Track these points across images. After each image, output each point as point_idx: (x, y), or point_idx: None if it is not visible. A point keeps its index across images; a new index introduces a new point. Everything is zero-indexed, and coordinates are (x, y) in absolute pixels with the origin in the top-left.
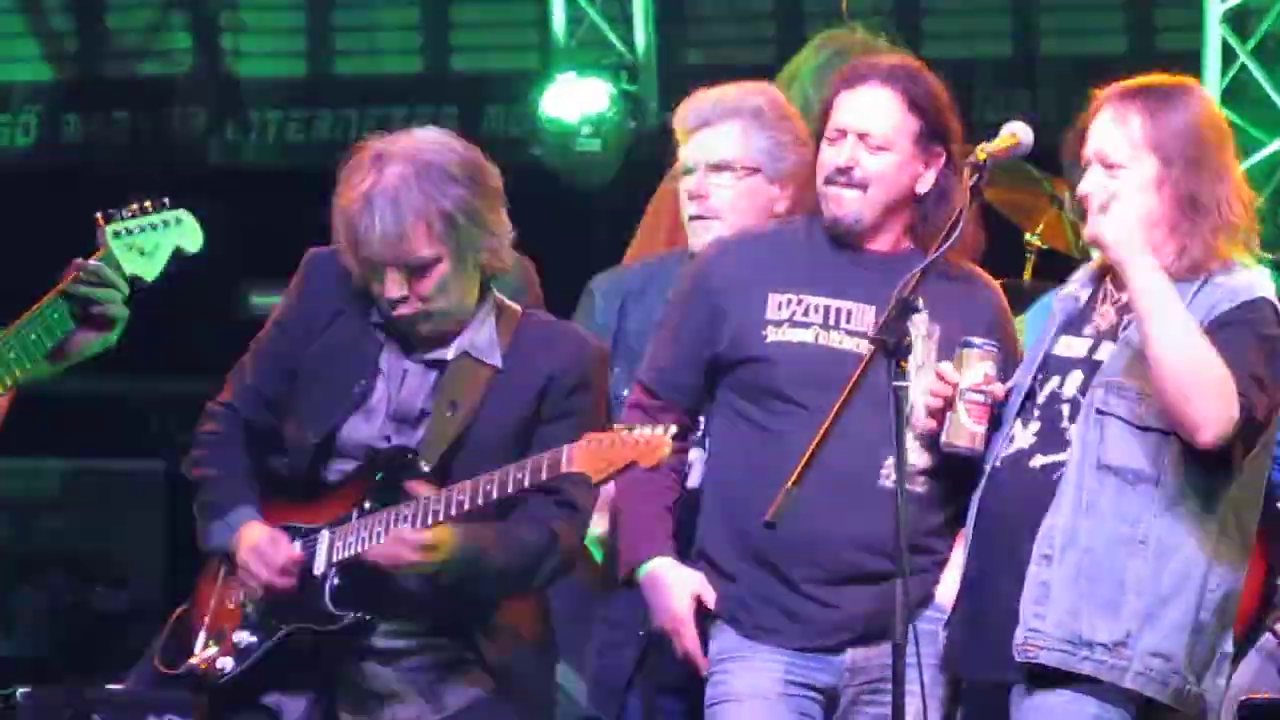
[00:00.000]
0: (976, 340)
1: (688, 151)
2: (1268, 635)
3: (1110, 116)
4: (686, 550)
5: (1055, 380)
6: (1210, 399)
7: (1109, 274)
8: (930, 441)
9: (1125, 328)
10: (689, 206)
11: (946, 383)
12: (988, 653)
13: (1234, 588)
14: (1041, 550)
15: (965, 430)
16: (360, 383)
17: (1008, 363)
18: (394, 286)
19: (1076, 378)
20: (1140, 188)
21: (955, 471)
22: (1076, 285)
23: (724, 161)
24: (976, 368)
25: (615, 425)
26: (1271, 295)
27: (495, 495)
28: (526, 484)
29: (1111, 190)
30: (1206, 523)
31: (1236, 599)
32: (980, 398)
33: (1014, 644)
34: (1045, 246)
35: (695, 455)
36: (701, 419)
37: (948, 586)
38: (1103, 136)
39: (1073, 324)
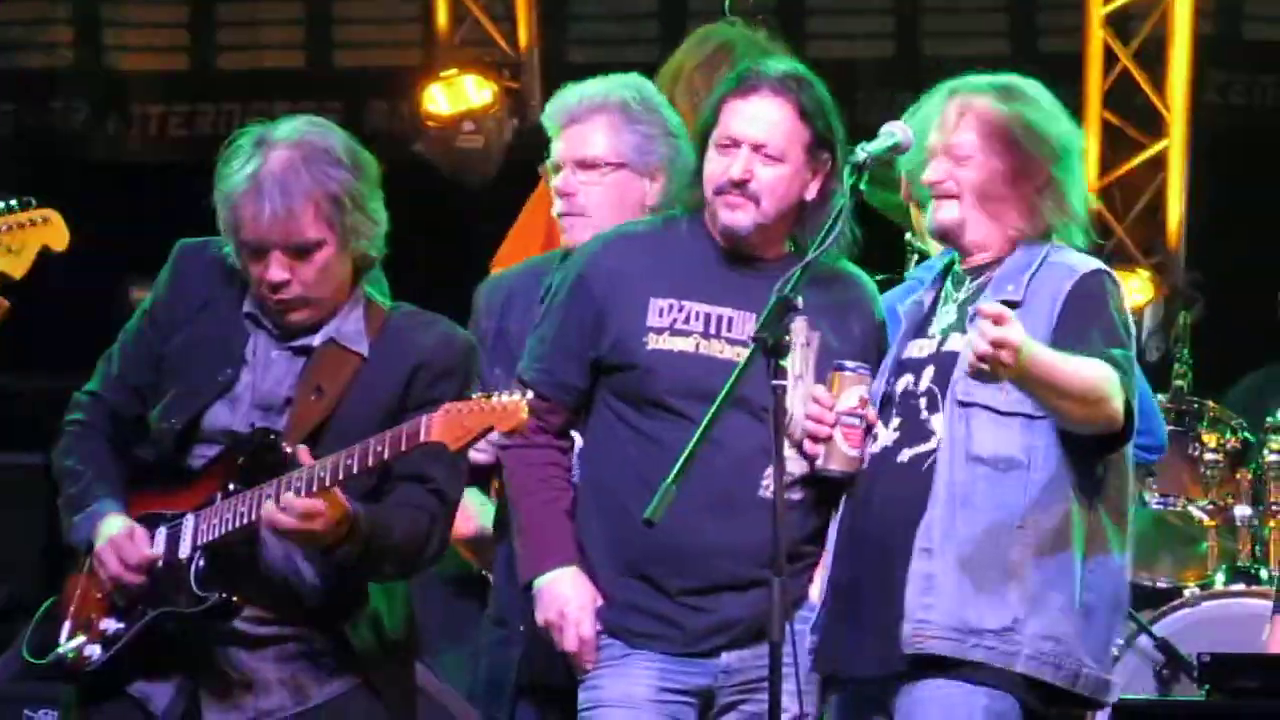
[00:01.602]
0: (849, 364)
1: (556, 148)
2: (1143, 636)
3: (955, 109)
4: None
5: (908, 378)
6: (1112, 396)
7: (948, 274)
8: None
9: (971, 319)
10: (557, 204)
11: (823, 407)
12: (868, 649)
13: (1116, 566)
14: (921, 544)
15: (842, 454)
16: (226, 371)
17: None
18: (278, 270)
19: (929, 371)
20: (986, 179)
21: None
22: (920, 290)
23: (589, 158)
24: (851, 391)
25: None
26: (1104, 266)
27: (356, 469)
28: (386, 455)
29: (960, 179)
30: (1081, 503)
31: (1122, 577)
32: (855, 421)
33: (902, 637)
34: (925, 247)
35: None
36: None
37: (820, 585)
38: (949, 128)
39: (920, 328)
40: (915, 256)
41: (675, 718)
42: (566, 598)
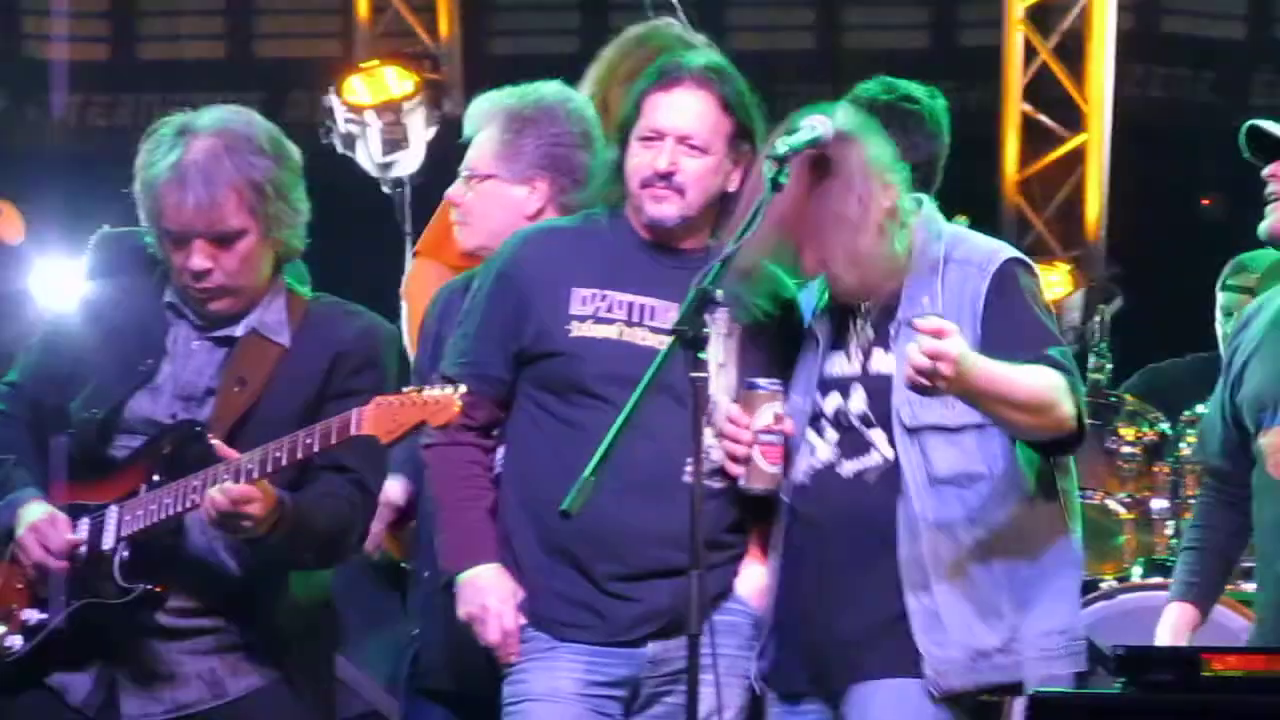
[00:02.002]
0: (761, 382)
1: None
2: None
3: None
4: None
5: (837, 397)
6: (1061, 399)
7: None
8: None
9: (895, 338)
10: (454, 214)
11: (739, 427)
12: (803, 670)
13: (1078, 547)
14: (911, 580)
15: (763, 473)
16: (147, 361)
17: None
18: (200, 258)
19: (859, 394)
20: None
21: None
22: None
23: (468, 168)
24: (765, 410)
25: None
26: (1011, 251)
27: (285, 461)
28: (316, 448)
29: None
30: (1042, 499)
31: (1080, 548)
32: (773, 439)
33: (926, 680)
34: None
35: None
36: None
37: (749, 581)
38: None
39: (837, 342)
40: None
41: (601, 711)
42: (488, 590)
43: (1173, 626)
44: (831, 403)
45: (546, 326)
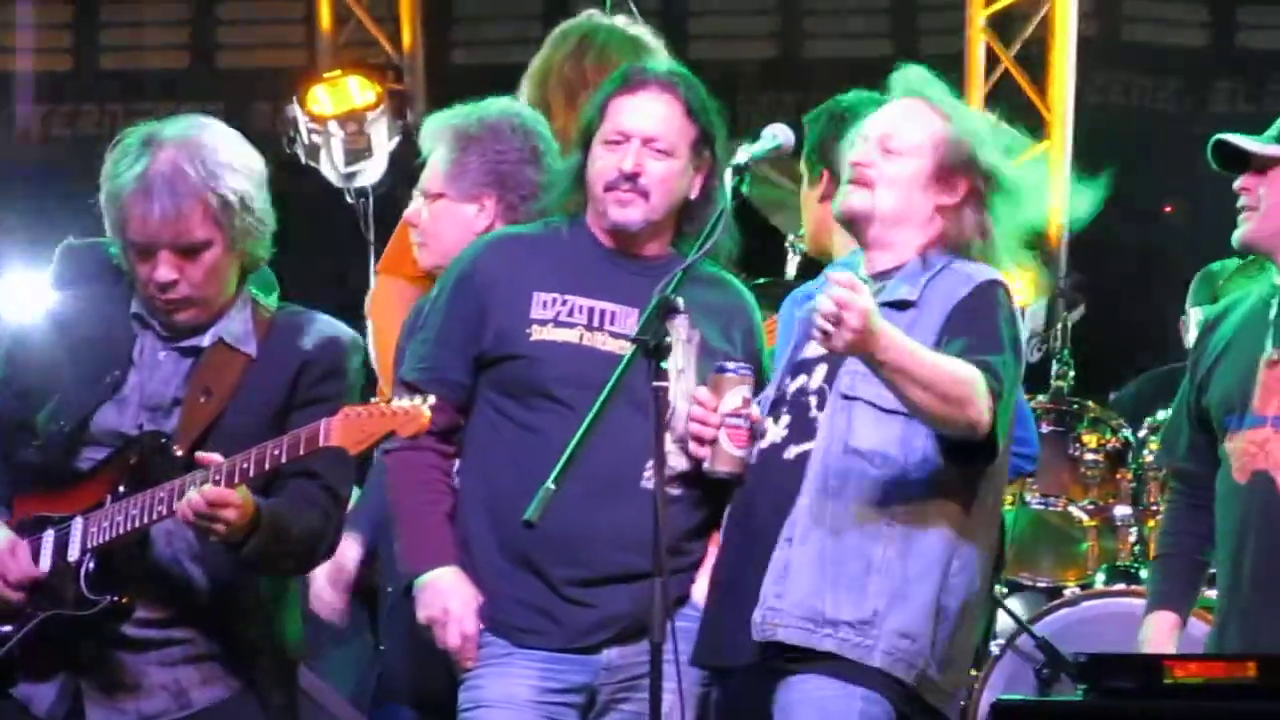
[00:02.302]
0: (730, 365)
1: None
2: (1024, 636)
3: (914, 108)
4: None
5: (802, 378)
6: (976, 398)
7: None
8: (686, 446)
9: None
10: (411, 232)
11: (706, 409)
12: (742, 640)
13: (978, 573)
14: (785, 534)
15: (727, 456)
16: (113, 373)
17: (759, 358)
18: (166, 270)
19: (821, 370)
20: (909, 180)
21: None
22: (813, 293)
23: (421, 189)
24: (733, 393)
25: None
26: (1001, 277)
27: (253, 472)
28: (284, 459)
29: (885, 173)
30: (952, 505)
31: (981, 586)
32: (739, 422)
33: (752, 622)
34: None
35: None
36: None
37: (703, 585)
38: (894, 121)
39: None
40: (797, 259)
41: (557, 718)
42: (449, 594)
43: (1154, 637)
44: (796, 383)
45: (507, 330)
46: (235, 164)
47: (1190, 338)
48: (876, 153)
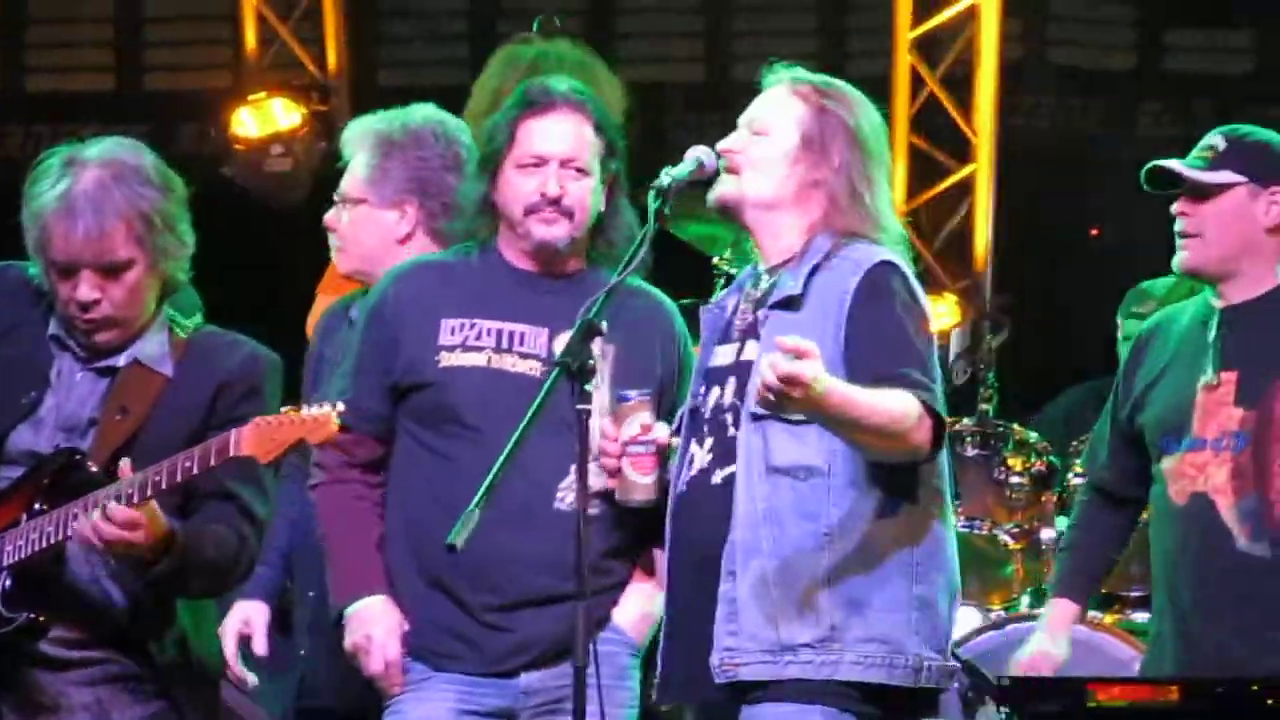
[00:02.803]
0: (630, 393)
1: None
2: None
3: (778, 92)
4: None
5: (716, 391)
6: (918, 429)
7: (751, 273)
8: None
9: (764, 323)
10: (330, 237)
11: (608, 439)
12: (694, 677)
13: (946, 554)
14: (726, 568)
15: (635, 484)
16: (30, 394)
17: (682, 373)
18: (88, 289)
19: (731, 384)
20: (778, 159)
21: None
22: (724, 295)
23: (340, 194)
24: (632, 420)
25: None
26: (891, 256)
27: (165, 485)
28: (195, 470)
29: (751, 155)
30: (895, 500)
31: (953, 564)
32: (642, 449)
33: (711, 666)
34: (735, 271)
35: None
36: None
37: (627, 609)
38: (761, 103)
39: (722, 334)
40: (722, 280)
41: None
42: (373, 622)
43: (1052, 622)
44: (712, 397)
45: (416, 359)
46: (157, 183)
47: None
48: (744, 138)
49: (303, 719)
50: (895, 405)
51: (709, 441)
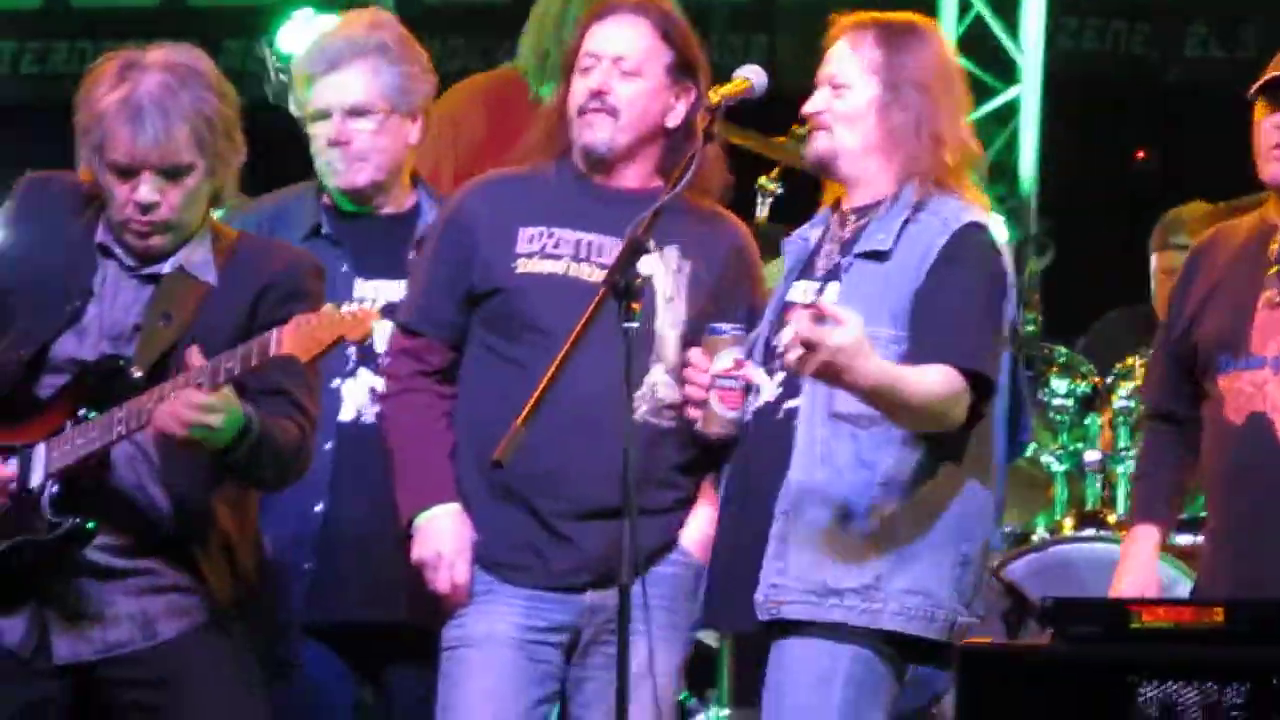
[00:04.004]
0: (723, 326)
1: (318, 95)
2: (991, 580)
3: (844, 42)
4: None
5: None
6: (949, 412)
7: (835, 210)
8: (679, 377)
9: (847, 270)
10: (329, 153)
11: (698, 371)
12: (739, 606)
13: (988, 514)
14: (780, 507)
15: (719, 418)
16: (74, 302)
17: (754, 302)
18: (149, 191)
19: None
20: (862, 110)
21: None
22: (807, 226)
23: (361, 105)
24: (725, 354)
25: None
26: (982, 218)
27: (207, 388)
28: (237, 371)
29: (837, 110)
30: (946, 454)
31: (992, 524)
32: (731, 384)
33: (755, 602)
34: (780, 190)
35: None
36: None
37: (693, 530)
38: (834, 59)
39: (804, 267)
40: (769, 201)
41: (538, 658)
42: (444, 538)
43: (1138, 548)
44: (786, 333)
45: (493, 264)
46: (219, 89)
47: (1154, 283)
48: (826, 96)
49: (311, 635)
50: (933, 389)
51: (779, 375)
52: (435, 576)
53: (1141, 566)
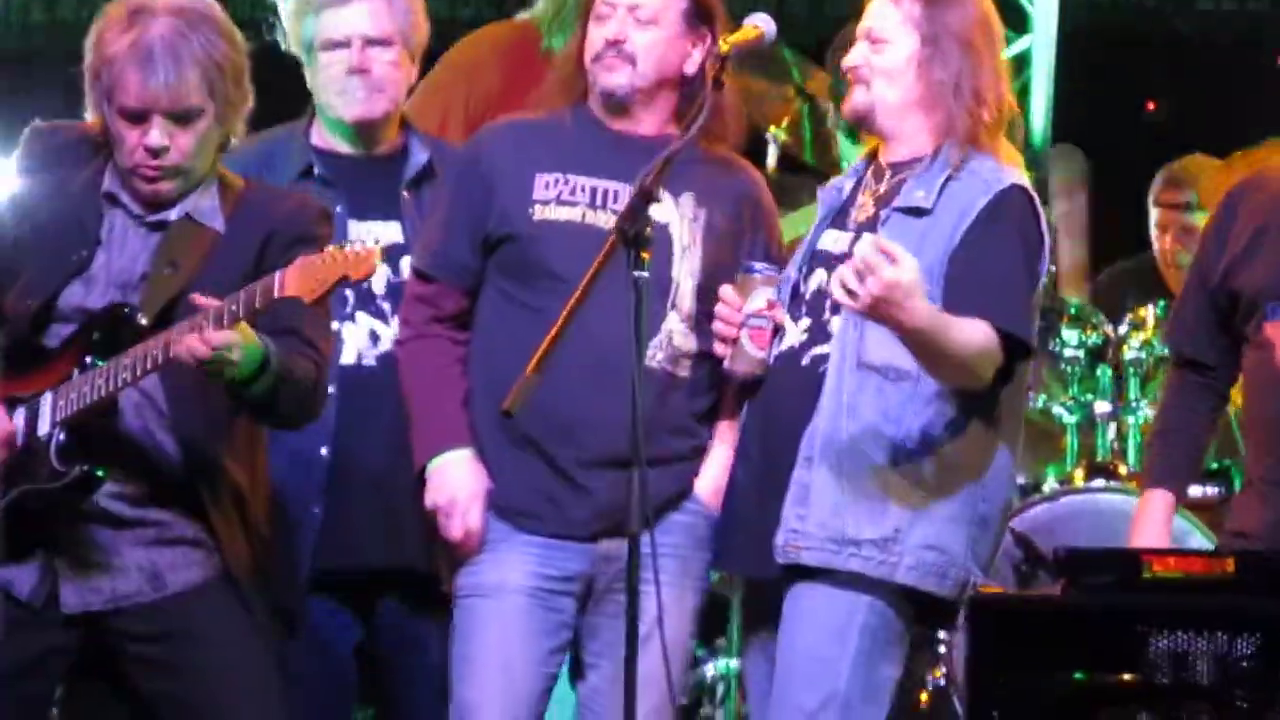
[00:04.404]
0: (758, 265)
1: (332, 23)
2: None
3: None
4: None
5: (821, 274)
6: (983, 368)
7: (871, 163)
8: (695, 325)
9: (884, 222)
10: (347, 81)
11: (730, 308)
12: (755, 551)
13: (1008, 475)
14: (803, 453)
15: (748, 356)
16: (80, 251)
17: (769, 250)
18: (159, 134)
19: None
20: (902, 66)
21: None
22: (842, 176)
23: (383, 35)
24: (759, 294)
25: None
26: (1022, 180)
27: (212, 327)
28: (241, 314)
29: (875, 65)
30: (973, 416)
31: (1013, 485)
32: (763, 323)
33: (775, 545)
34: (788, 139)
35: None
36: None
37: (707, 478)
38: (874, 14)
39: (837, 216)
40: (776, 152)
41: (553, 607)
42: (458, 484)
43: (1152, 512)
44: (814, 280)
45: (510, 210)
46: (228, 35)
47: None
48: (864, 50)
49: (326, 580)
50: (974, 341)
51: (805, 321)
52: (448, 523)
53: (1158, 537)
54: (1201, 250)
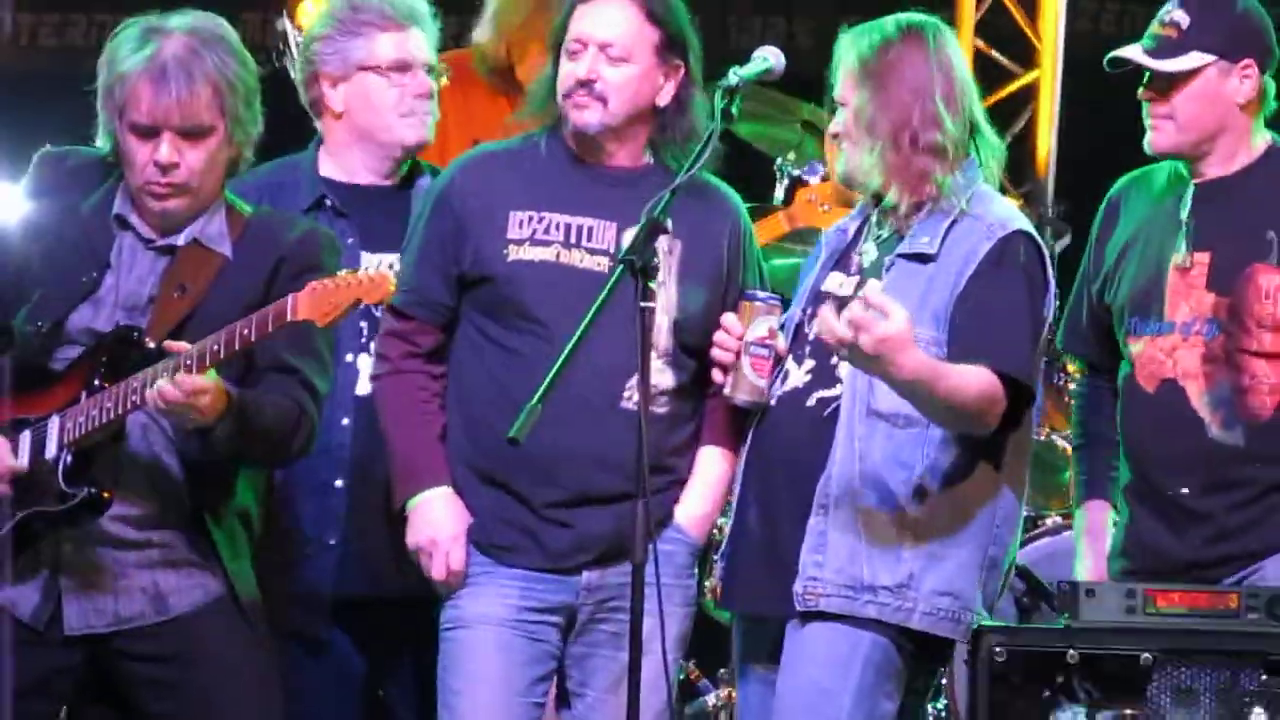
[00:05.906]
0: (760, 294)
1: (397, 45)
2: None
3: (851, 64)
4: None
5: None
6: (984, 415)
7: (875, 207)
8: (673, 361)
9: (889, 269)
10: (415, 104)
11: (731, 335)
12: (762, 589)
13: (1016, 519)
14: (819, 500)
15: (749, 384)
16: (90, 274)
17: (750, 277)
18: (169, 150)
19: (844, 317)
20: (852, 127)
21: (698, 392)
22: (847, 218)
23: (433, 63)
24: (760, 322)
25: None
26: (1026, 225)
27: (223, 353)
28: (254, 337)
29: (841, 128)
30: (982, 460)
31: (1019, 529)
32: (764, 351)
33: (794, 593)
34: (798, 172)
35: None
36: None
37: (688, 507)
38: (845, 85)
39: (840, 259)
40: (786, 182)
41: (536, 637)
42: (439, 524)
43: (1090, 527)
44: (827, 321)
45: (484, 250)
46: (240, 56)
47: None
48: (844, 118)
49: (339, 609)
50: (969, 388)
51: (809, 363)
52: (430, 563)
53: (1102, 552)
54: (1087, 256)
